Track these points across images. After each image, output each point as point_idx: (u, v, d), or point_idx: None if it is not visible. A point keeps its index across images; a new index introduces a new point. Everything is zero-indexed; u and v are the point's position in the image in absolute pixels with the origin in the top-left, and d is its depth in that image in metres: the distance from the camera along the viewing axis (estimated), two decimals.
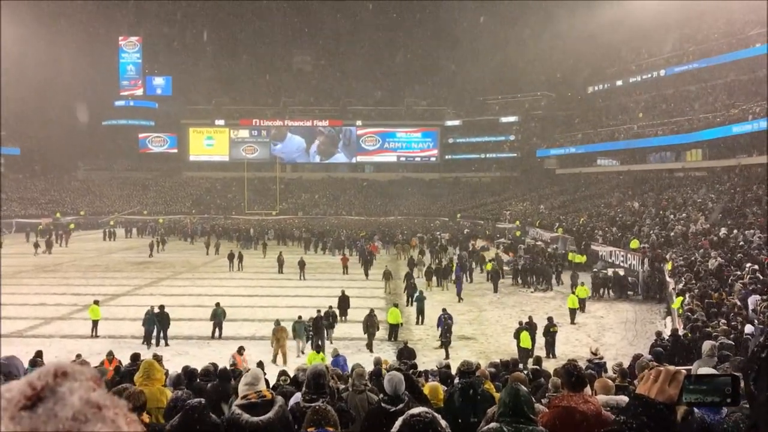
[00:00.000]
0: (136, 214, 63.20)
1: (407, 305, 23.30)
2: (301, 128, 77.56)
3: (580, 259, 32.05)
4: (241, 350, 13.85)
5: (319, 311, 17.99)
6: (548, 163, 66.63)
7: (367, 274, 31.35)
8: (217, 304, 19.17)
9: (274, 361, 16.33)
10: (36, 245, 39.52)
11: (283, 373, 9.59)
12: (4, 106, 57.76)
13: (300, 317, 17.56)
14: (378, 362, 10.72)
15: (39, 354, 11.12)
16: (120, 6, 77.10)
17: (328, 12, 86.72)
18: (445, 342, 17.52)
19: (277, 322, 17.07)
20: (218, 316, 18.83)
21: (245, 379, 4.15)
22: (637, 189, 46.92)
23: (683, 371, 1.33)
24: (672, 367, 1.35)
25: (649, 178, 48.97)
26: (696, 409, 3.83)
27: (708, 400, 1.30)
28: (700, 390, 1.29)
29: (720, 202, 33.00)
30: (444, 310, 18.32)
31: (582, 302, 22.69)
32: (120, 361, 11.86)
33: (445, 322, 17.62)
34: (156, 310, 18.23)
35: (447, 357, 16.19)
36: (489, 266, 30.73)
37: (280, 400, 3.96)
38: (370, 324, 17.60)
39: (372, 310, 18.35)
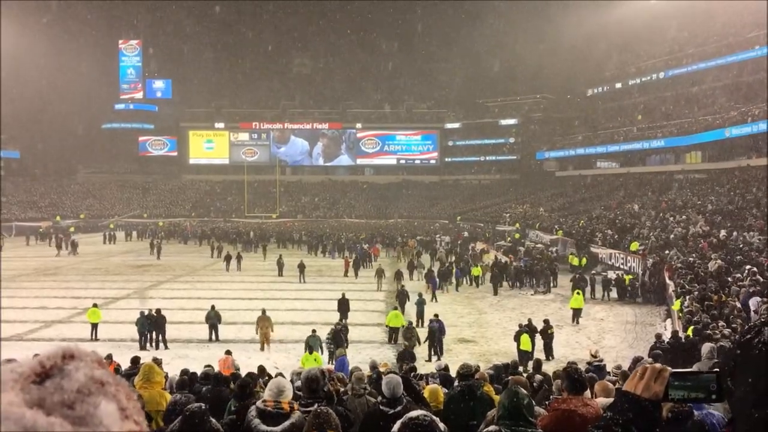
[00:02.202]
0: (136, 217, 63.19)
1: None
2: (304, 131, 77.66)
3: (579, 260, 32.01)
4: (228, 353, 13.88)
5: (338, 323, 17.13)
6: (548, 166, 66.65)
7: (356, 275, 31.99)
8: (212, 307, 19.16)
9: (262, 348, 17.67)
10: (59, 246, 40.58)
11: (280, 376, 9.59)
12: (4, 110, 57.77)
13: (314, 331, 16.53)
14: (374, 365, 10.69)
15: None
16: (120, 9, 77.26)
17: (328, 15, 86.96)
18: (432, 346, 17.43)
19: (263, 311, 18.25)
20: (211, 319, 18.80)
21: (270, 386, 4.20)
22: (637, 191, 46.93)
23: (669, 369, 1.36)
24: (658, 365, 1.38)
25: (649, 180, 49.00)
26: (696, 412, 3.83)
27: (693, 396, 1.34)
28: (686, 386, 1.33)
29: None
30: (435, 315, 18.19)
31: (578, 312, 22.43)
32: (118, 365, 11.84)
33: (430, 327, 17.54)
34: (152, 312, 18.25)
35: (429, 360, 16.44)
36: (476, 271, 30.34)
37: (296, 416, 3.95)
38: (407, 337, 17.09)
39: (411, 323, 17.81)
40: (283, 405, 3.98)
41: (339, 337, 16.48)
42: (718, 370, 1.29)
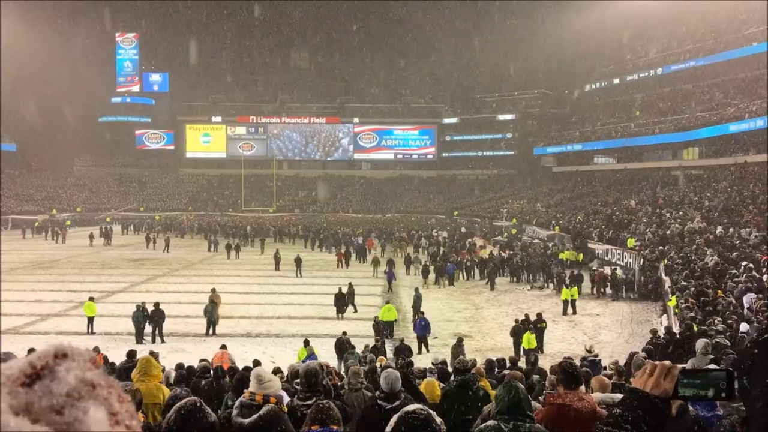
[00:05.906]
0: (132, 211, 63.15)
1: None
2: (299, 125, 77.60)
3: (575, 256, 32.07)
4: (223, 347, 13.82)
5: (377, 339, 15.69)
6: (545, 161, 66.67)
7: (347, 264, 33.43)
8: (210, 301, 19.15)
9: (215, 323, 19.02)
10: (91, 237, 41.86)
11: (277, 370, 9.62)
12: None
13: (353, 346, 14.87)
14: (371, 360, 10.73)
15: (31, 351, 10.97)
16: (117, 2, 76.75)
17: (326, 9, 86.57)
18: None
19: (213, 290, 19.91)
20: (209, 312, 18.80)
21: (251, 377, 4.20)
22: (634, 187, 46.98)
23: (679, 366, 1.35)
24: (668, 362, 1.37)
25: (646, 176, 49.04)
26: (691, 408, 3.84)
27: (702, 394, 1.32)
28: (695, 384, 1.31)
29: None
30: (422, 312, 18.93)
31: (573, 303, 22.57)
32: (105, 357, 11.85)
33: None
34: (150, 307, 18.25)
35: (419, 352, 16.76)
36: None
37: (265, 409, 3.92)
38: (456, 353, 16.63)
39: (460, 338, 16.39)
40: (256, 397, 3.97)
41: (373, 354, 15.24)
42: (728, 368, 1.28)
